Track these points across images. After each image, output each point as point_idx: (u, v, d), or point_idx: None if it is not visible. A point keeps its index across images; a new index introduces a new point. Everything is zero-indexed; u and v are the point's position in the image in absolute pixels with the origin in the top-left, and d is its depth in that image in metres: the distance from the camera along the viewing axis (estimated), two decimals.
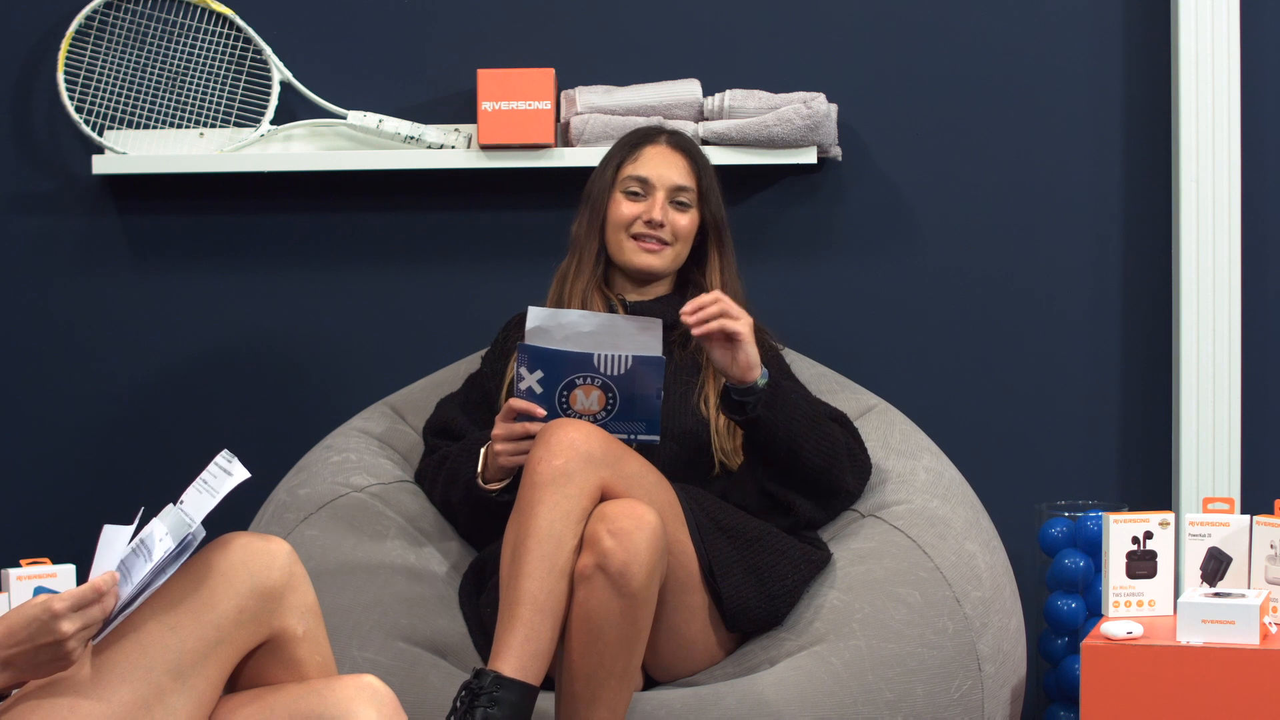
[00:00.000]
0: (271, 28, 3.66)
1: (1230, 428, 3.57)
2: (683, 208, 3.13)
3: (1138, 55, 3.63)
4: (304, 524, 3.05)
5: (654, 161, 3.14)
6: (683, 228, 3.13)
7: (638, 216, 3.11)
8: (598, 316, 2.87)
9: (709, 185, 3.16)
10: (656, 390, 2.87)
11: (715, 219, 3.16)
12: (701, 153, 3.20)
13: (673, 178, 3.13)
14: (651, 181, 3.13)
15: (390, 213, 3.71)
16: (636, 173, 3.13)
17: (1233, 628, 2.76)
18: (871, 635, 2.85)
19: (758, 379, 2.91)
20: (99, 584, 2.09)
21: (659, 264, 3.13)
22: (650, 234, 3.11)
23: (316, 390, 3.72)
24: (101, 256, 3.74)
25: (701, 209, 3.15)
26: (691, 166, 3.15)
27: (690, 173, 3.15)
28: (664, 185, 3.12)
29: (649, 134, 3.19)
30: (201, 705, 2.22)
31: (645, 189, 3.13)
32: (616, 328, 2.87)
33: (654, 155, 3.15)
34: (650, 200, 3.12)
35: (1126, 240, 3.65)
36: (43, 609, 2.07)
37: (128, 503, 3.70)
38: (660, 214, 3.10)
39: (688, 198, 3.13)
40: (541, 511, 2.68)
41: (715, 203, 3.16)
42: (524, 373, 2.86)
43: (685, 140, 3.19)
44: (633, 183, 3.13)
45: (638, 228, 3.11)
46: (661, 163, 3.14)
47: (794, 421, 2.92)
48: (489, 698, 2.57)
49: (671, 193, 3.12)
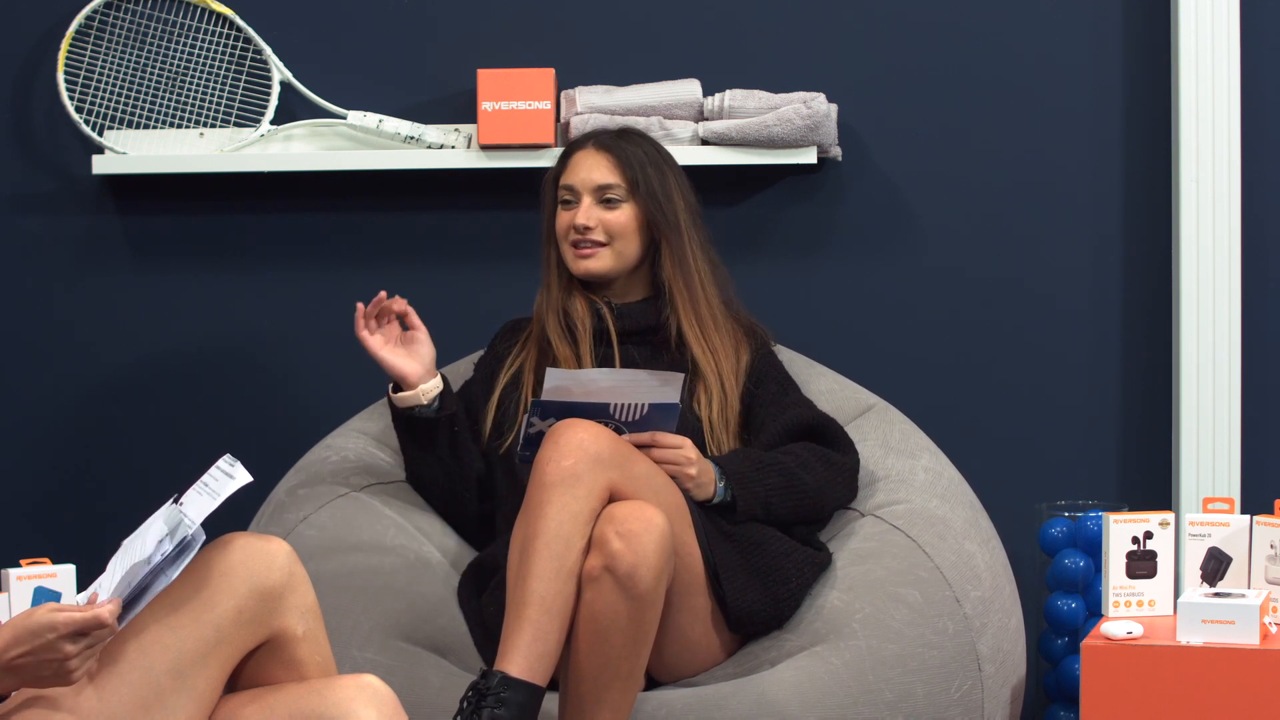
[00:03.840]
0: (271, 28, 3.66)
1: (1230, 428, 3.56)
2: (612, 204, 3.12)
3: (1138, 55, 3.63)
4: (304, 524, 3.05)
5: (578, 167, 3.15)
6: (616, 224, 3.12)
7: (570, 224, 3.12)
8: (620, 373, 2.89)
9: (643, 178, 3.12)
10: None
11: (656, 212, 3.12)
12: (634, 148, 3.14)
13: (594, 178, 3.12)
14: (575, 187, 3.13)
15: (390, 213, 3.71)
16: (565, 180, 3.15)
17: (1233, 628, 2.76)
18: (872, 635, 2.85)
19: (713, 496, 2.94)
20: (102, 615, 2.08)
21: (597, 266, 3.12)
22: (581, 239, 3.12)
23: (316, 390, 3.72)
24: (101, 256, 3.74)
25: (637, 203, 3.13)
26: (615, 162, 3.13)
27: (614, 169, 3.12)
28: (587, 188, 3.12)
29: (578, 141, 3.20)
30: (201, 705, 2.22)
31: (574, 195, 3.13)
32: (638, 381, 2.88)
33: (578, 160, 3.15)
34: (578, 206, 3.12)
35: (1126, 240, 3.65)
36: (47, 625, 2.06)
37: (128, 503, 3.71)
38: (584, 217, 3.10)
39: (616, 194, 3.12)
40: (550, 512, 2.69)
41: (653, 195, 3.12)
42: (535, 420, 2.87)
43: (610, 139, 3.16)
44: (564, 192, 3.14)
45: (572, 235, 3.12)
46: (584, 166, 3.14)
47: (768, 505, 2.96)
48: (496, 698, 2.57)
49: (596, 193, 3.12)
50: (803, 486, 2.97)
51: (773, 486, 2.95)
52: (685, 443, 2.93)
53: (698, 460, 2.92)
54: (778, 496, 2.95)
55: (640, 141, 3.18)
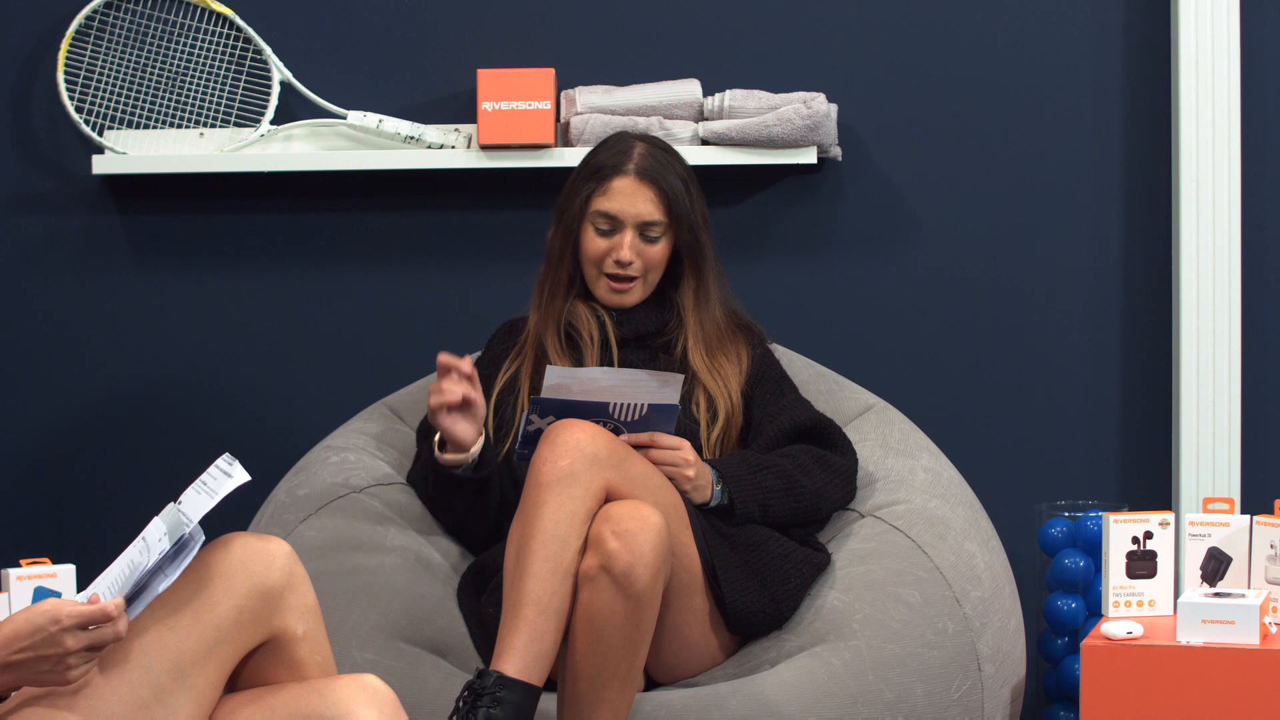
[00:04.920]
0: (271, 28, 3.66)
1: (1230, 428, 3.56)
2: (652, 240, 3.11)
3: (1137, 55, 3.63)
4: (303, 524, 3.05)
5: (622, 197, 3.08)
6: (653, 258, 3.10)
7: (607, 254, 3.10)
8: (619, 372, 2.88)
9: (681, 209, 3.08)
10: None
11: (691, 243, 3.11)
12: (673, 176, 3.10)
13: (640, 214, 3.08)
14: (620, 218, 3.08)
15: (390, 213, 3.71)
16: (605, 208, 3.08)
17: (1233, 628, 2.76)
18: (871, 635, 2.85)
19: (711, 499, 2.94)
20: (109, 609, 2.08)
21: (629, 301, 3.12)
22: (620, 274, 3.10)
23: (316, 390, 3.72)
24: (101, 256, 3.73)
25: (675, 235, 3.11)
26: (660, 197, 3.08)
27: (659, 204, 3.08)
28: (632, 222, 3.08)
29: (618, 162, 3.10)
30: (201, 705, 2.22)
31: (614, 224, 3.09)
32: (638, 381, 2.87)
33: (622, 189, 3.08)
34: (619, 238, 3.09)
35: (1126, 240, 3.65)
36: (49, 618, 2.06)
37: (127, 503, 3.72)
38: (629, 253, 3.07)
39: (657, 231, 3.09)
40: (546, 512, 2.68)
41: (690, 225, 3.10)
42: (534, 418, 2.86)
43: (654, 166, 3.09)
44: (601, 219, 3.09)
45: (608, 265, 3.10)
46: (630, 198, 3.08)
47: (766, 508, 2.95)
48: (492, 698, 2.57)
49: (640, 228, 3.09)
50: (800, 489, 2.97)
51: (770, 489, 2.95)
52: (684, 444, 2.93)
53: (695, 462, 2.92)
54: (775, 499, 2.95)
55: (672, 162, 3.12)
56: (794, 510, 2.97)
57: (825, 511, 3.05)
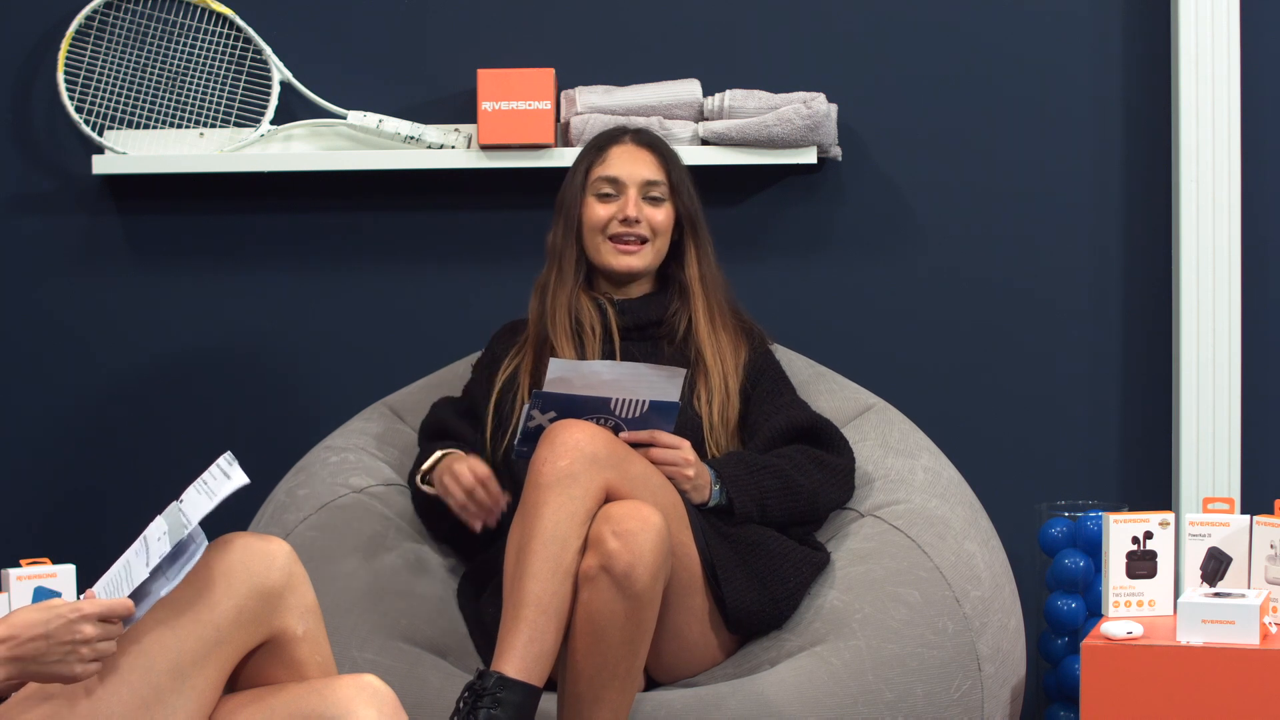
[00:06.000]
0: (271, 28, 3.66)
1: (1230, 428, 3.56)
2: (656, 202, 3.13)
3: (1138, 56, 3.63)
4: (303, 524, 3.05)
5: (622, 160, 3.14)
6: (659, 222, 3.13)
7: (612, 217, 3.11)
8: (621, 366, 2.88)
9: (679, 178, 3.15)
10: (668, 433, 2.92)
11: (689, 212, 3.15)
12: (668, 147, 3.19)
13: (642, 173, 3.13)
14: (622, 180, 3.12)
15: (390, 213, 3.71)
16: (606, 173, 3.13)
17: (1233, 628, 2.76)
18: (871, 635, 2.85)
19: (709, 499, 2.94)
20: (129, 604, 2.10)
21: (639, 264, 3.12)
22: (627, 232, 3.11)
23: (316, 390, 3.72)
24: (101, 256, 3.74)
25: (675, 202, 3.14)
26: (659, 160, 3.14)
27: (659, 166, 3.14)
28: (635, 182, 3.12)
29: (614, 135, 3.19)
30: (201, 705, 2.22)
31: (617, 188, 3.12)
32: (639, 375, 2.87)
33: (621, 154, 3.15)
34: (623, 199, 3.11)
35: (1126, 241, 3.65)
36: (70, 605, 2.07)
37: (127, 503, 3.72)
38: (635, 210, 3.10)
39: (660, 192, 3.13)
40: (546, 513, 2.69)
41: (688, 195, 3.15)
42: (535, 414, 2.86)
43: (650, 136, 3.19)
44: (603, 184, 3.13)
45: (614, 228, 3.11)
46: (630, 160, 3.14)
47: (764, 508, 2.96)
48: (492, 698, 2.58)
49: (643, 188, 3.12)
50: (797, 489, 2.98)
51: (768, 489, 2.95)
52: (683, 444, 2.93)
53: (695, 462, 2.93)
54: (773, 499, 2.96)
55: (662, 141, 3.20)
56: (792, 510, 2.98)
57: (823, 511, 3.05)
